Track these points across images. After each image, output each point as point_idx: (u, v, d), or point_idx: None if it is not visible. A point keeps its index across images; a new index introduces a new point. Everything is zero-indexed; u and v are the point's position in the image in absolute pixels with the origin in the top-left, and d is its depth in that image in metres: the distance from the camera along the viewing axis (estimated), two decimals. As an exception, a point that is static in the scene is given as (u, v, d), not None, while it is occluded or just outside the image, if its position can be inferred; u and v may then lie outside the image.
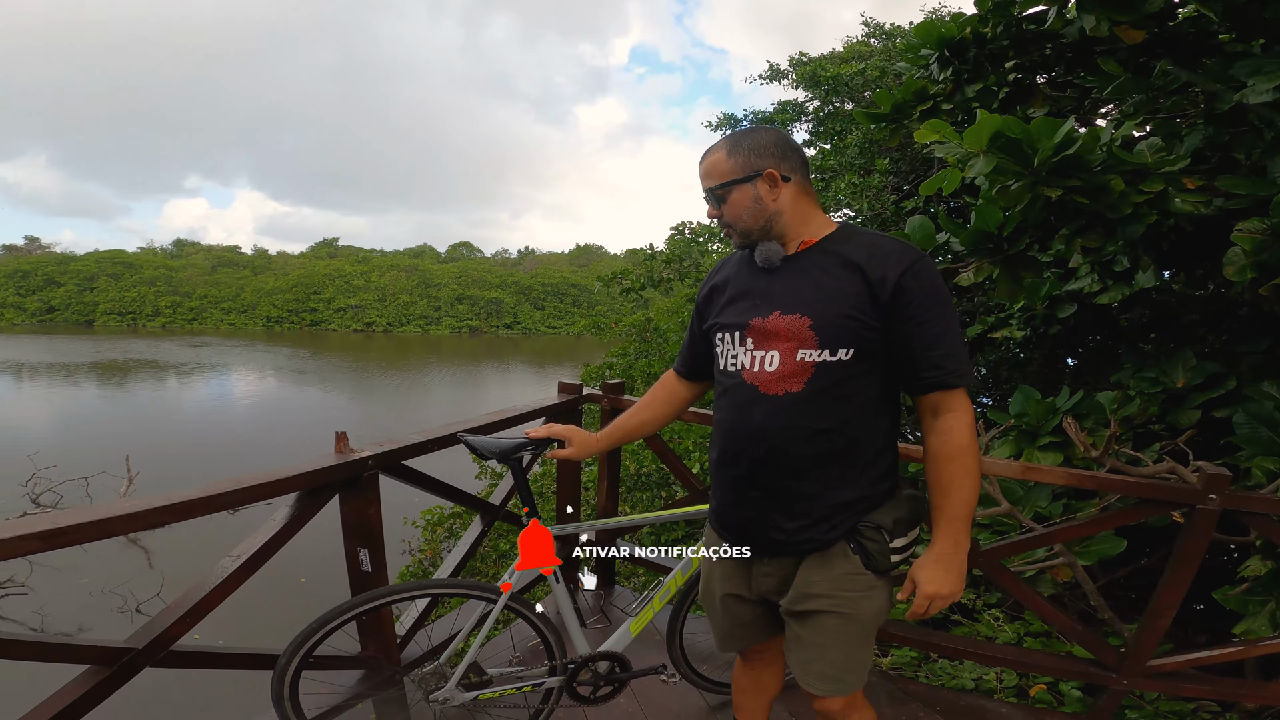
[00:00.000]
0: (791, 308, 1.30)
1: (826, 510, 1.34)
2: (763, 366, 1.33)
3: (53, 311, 57.83)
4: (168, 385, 28.69)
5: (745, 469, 1.37)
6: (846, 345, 1.26)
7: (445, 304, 62.21)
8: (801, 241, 1.34)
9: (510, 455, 1.77)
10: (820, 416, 1.29)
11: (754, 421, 1.34)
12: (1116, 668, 2.20)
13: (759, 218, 1.34)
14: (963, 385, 1.26)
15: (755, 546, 1.43)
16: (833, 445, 1.30)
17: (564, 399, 2.83)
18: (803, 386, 1.29)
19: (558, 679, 1.96)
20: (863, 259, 1.26)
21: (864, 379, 1.29)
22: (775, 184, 1.31)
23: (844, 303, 1.26)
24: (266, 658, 1.74)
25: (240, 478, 1.56)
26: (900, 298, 1.23)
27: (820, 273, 1.30)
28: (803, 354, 1.28)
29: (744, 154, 1.32)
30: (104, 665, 1.39)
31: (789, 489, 1.34)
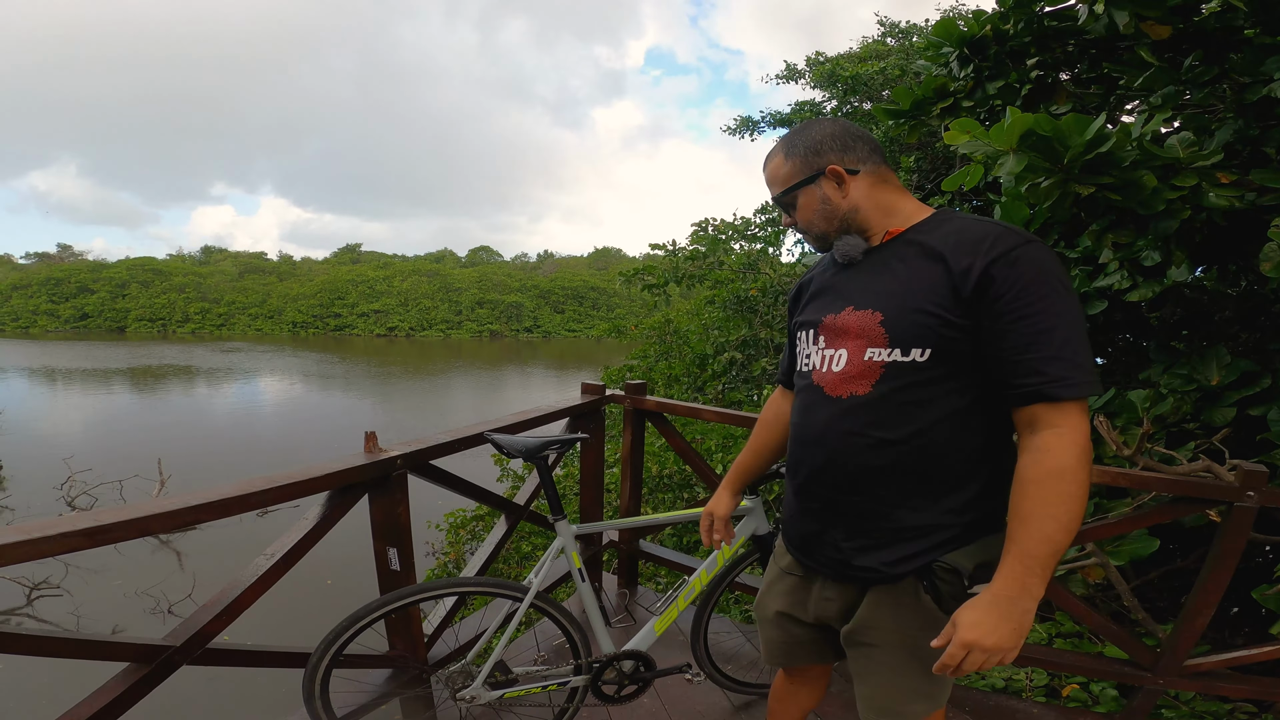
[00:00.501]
0: (865, 302, 1.19)
1: (889, 535, 1.19)
2: (830, 366, 1.22)
3: (85, 319, 59.21)
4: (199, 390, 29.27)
5: (804, 477, 1.29)
6: (921, 345, 1.10)
7: (466, 308, 62.75)
8: (886, 232, 1.21)
9: (536, 454, 1.79)
10: (886, 425, 1.15)
11: (816, 426, 1.25)
12: (1152, 667, 2.17)
13: (832, 219, 1.23)
14: (1072, 398, 1.02)
15: (817, 565, 1.32)
16: (901, 460, 1.15)
17: (587, 400, 2.84)
18: (869, 389, 1.16)
19: (583, 678, 1.97)
20: (948, 247, 1.10)
21: (945, 387, 1.12)
22: (841, 180, 1.20)
23: (921, 296, 1.11)
24: (298, 656, 1.77)
25: (273, 476, 1.59)
26: (988, 290, 1.05)
27: (900, 264, 1.17)
28: (871, 353, 1.15)
29: (801, 154, 1.23)
30: (143, 663, 1.42)
31: (848, 504, 1.22)
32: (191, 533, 10.61)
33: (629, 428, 3.01)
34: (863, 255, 1.23)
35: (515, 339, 61.48)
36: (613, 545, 3.14)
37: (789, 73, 9.70)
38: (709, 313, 8.32)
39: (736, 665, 2.55)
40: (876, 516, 1.19)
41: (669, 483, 6.72)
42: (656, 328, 9.27)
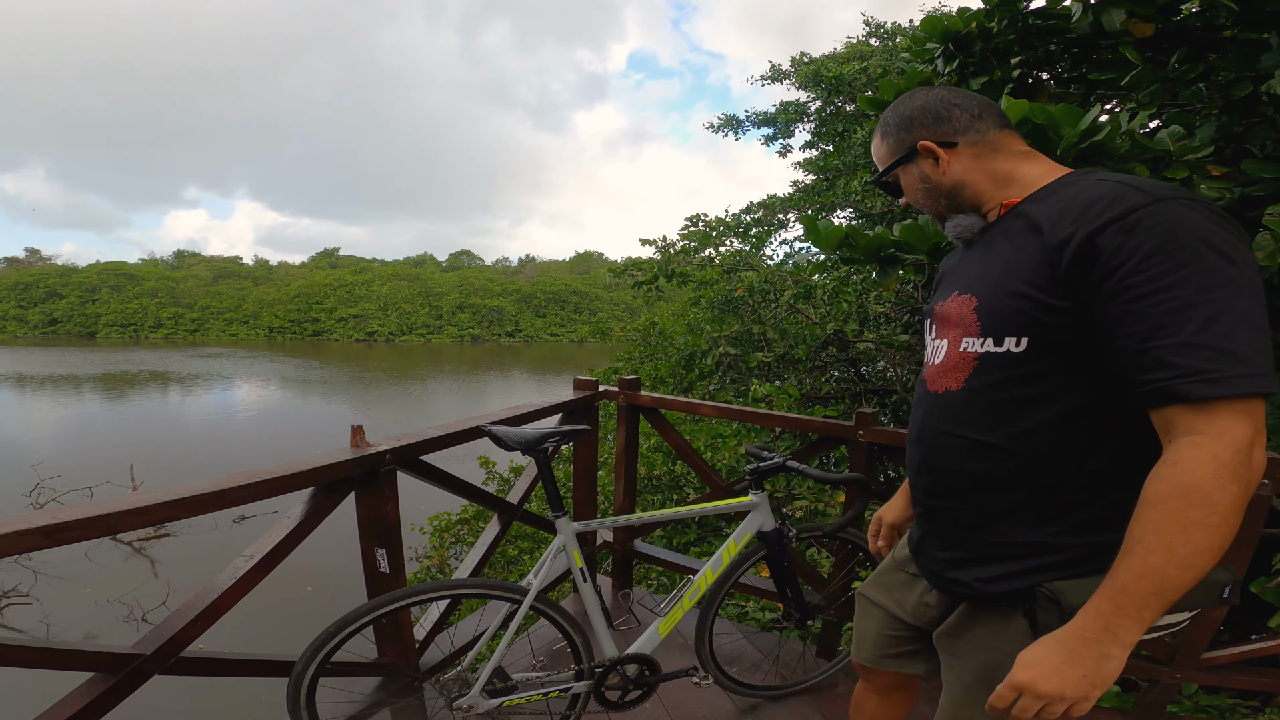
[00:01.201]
0: (966, 287, 1.06)
1: (989, 550, 1.04)
2: (934, 358, 1.12)
3: (55, 324, 57.83)
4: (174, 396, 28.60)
5: (910, 478, 1.21)
6: (1015, 333, 0.95)
7: (447, 313, 62.20)
8: (1002, 205, 1.07)
9: (535, 446, 1.69)
10: (980, 425, 1.01)
11: (915, 424, 1.16)
12: (1168, 661, 2.11)
13: (936, 197, 1.12)
14: (1217, 396, 0.78)
15: (920, 569, 1.23)
16: (999, 467, 1.00)
17: (581, 395, 2.75)
18: (961, 384, 1.03)
19: (585, 683, 1.87)
20: (1052, 215, 0.93)
21: (1053, 383, 0.94)
22: (936, 156, 1.09)
23: (1016, 277, 0.95)
24: (282, 664, 1.65)
25: (253, 471, 1.47)
26: (1093, 264, 0.85)
27: (1004, 241, 1.02)
28: (966, 343, 1.02)
29: (894, 132, 1.13)
30: (110, 672, 1.30)
31: (944, 512, 1.11)
32: (166, 540, 10.33)
33: (623, 424, 2.91)
34: (978, 234, 1.10)
35: (497, 344, 61.04)
36: (607, 546, 3.04)
37: (774, 73, 9.69)
38: (694, 313, 8.26)
39: (740, 667, 2.46)
40: (974, 528, 1.06)
41: (658, 484, 6.64)
42: (641, 329, 9.19)
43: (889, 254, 2.44)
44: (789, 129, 9.73)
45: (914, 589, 1.29)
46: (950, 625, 1.16)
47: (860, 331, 6.42)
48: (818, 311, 6.81)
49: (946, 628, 1.17)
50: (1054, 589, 0.95)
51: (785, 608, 2.27)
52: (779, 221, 9.56)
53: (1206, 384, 0.78)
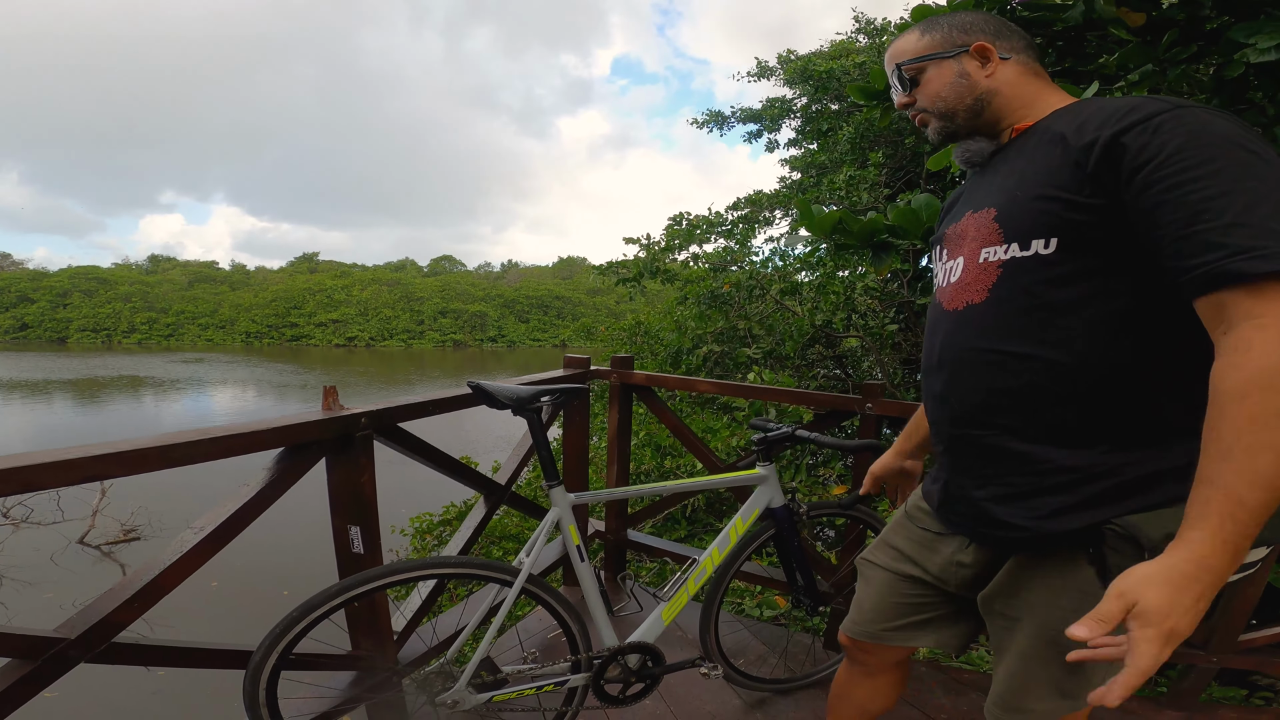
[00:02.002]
0: (980, 204, 1.01)
1: (1033, 479, 0.93)
2: (948, 279, 1.05)
3: (25, 329, 56.46)
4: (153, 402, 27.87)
5: (931, 414, 1.08)
6: (1043, 234, 0.89)
7: (428, 318, 61.58)
8: (1014, 128, 1.04)
9: (528, 405, 1.52)
10: (1011, 335, 0.92)
11: (934, 349, 1.05)
12: (1204, 645, 1.99)
13: (965, 96, 1.06)
14: (1274, 271, 0.71)
15: (952, 523, 1.10)
16: (1035, 380, 0.91)
17: (570, 373, 2.57)
18: (985, 295, 0.96)
19: (583, 676, 1.69)
20: (1075, 125, 0.90)
21: (1088, 285, 0.87)
22: (989, 59, 1.04)
23: (1037, 182, 0.91)
24: (238, 654, 1.45)
25: (207, 428, 1.28)
26: (1120, 161, 0.82)
27: (1019, 157, 0.99)
28: (986, 253, 0.97)
29: (944, 30, 1.08)
30: (25, 658, 1.10)
31: (976, 441, 0.98)
32: (136, 544, 9.95)
33: (615, 404, 2.75)
34: (989, 158, 1.08)
35: (479, 349, 60.53)
36: (599, 536, 2.87)
37: (760, 70, 9.61)
38: (681, 311, 8.15)
39: (746, 659, 2.29)
40: (1013, 456, 0.94)
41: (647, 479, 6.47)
42: (627, 329, 9.04)
43: (882, 239, 2.38)
44: (775, 125, 9.64)
45: (941, 548, 1.17)
46: (1000, 584, 1.04)
47: (847, 326, 6.35)
48: (804, 306, 6.74)
49: (997, 588, 1.04)
50: (1128, 524, 0.87)
51: (794, 595, 2.11)
52: (765, 218, 9.47)
53: (1262, 259, 0.72)
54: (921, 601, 1.22)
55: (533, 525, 5.72)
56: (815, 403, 2.44)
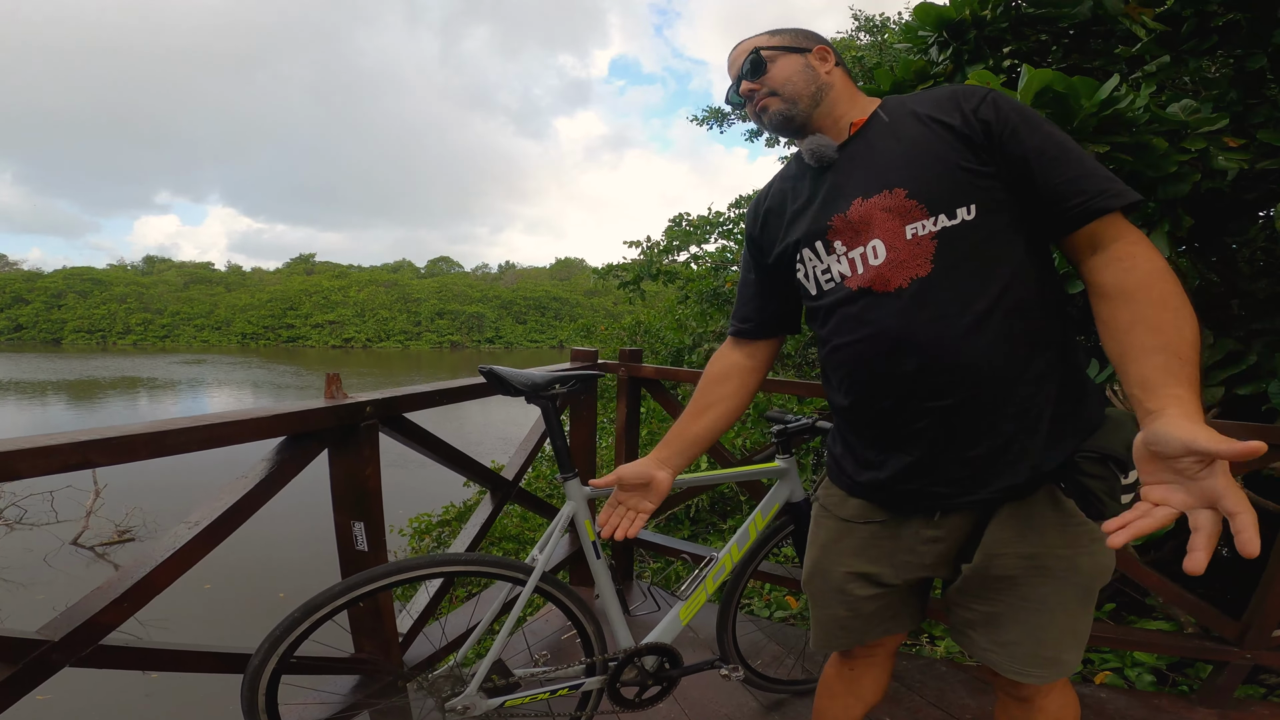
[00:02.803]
0: (874, 188, 1.05)
1: (1017, 424, 1.01)
2: (865, 263, 1.05)
3: (20, 330, 56.19)
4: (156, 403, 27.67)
5: (895, 399, 1.06)
6: (964, 201, 0.99)
7: (425, 319, 61.45)
8: (851, 124, 1.12)
9: (542, 392, 1.43)
10: (971, 296, 0.99)
11: (885, 334, 1.04)
12: (1238, 641, 1.93)
13: (810, 84, 1.13)
14: (1125, 204, 0.93)
15: (917, 501, 1.11)
16: (1005, 328, 0.99)
17: (577, 366, 2.49)
18: (930, 267, 1.00)
19: (598, 679, 1.61)
20: (931, 110, 1.04)
21: (1006, 240, 1.00)
22: (828, 59, 1.15)
23: (937, 157, 1.01)
24: (235, 658, 1.37)
25: (203, 415, 1.19)
26: (989, 130, 0.99)
27: (889, 141, 1.07)
28: (912, 229, 1.01)
29: (790, 34, 1.18)
30: (6, 662, 1.01)
31: (967, 405, 1.01)
32: (131, 545, 9.83)
33: (623, 397, 2.67)
34: (836, 153, 1.12)
35: (476, 350, 60.38)
36: (606, 534, 2.79)
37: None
38: (682, 310, 8.09)
39: (763, 661, 2.21)
40: (998, 407, 1.01)
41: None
42: (628, 329, 8.98)
43: None
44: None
45: (898, 535, 1.16)
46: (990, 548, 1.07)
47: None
48: (804, 305, 6.69)
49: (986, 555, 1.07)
50: (1094, 447, 0.99)
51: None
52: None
53: (1111, 198, 0.93)
54: (887, 602, 1.23)
55: (535, 524, 5.65)
56: (830, 395, 2.37)
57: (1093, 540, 1.04)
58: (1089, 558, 1.05)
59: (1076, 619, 1.08)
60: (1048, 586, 1.06)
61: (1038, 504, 1.04)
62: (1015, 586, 1.07)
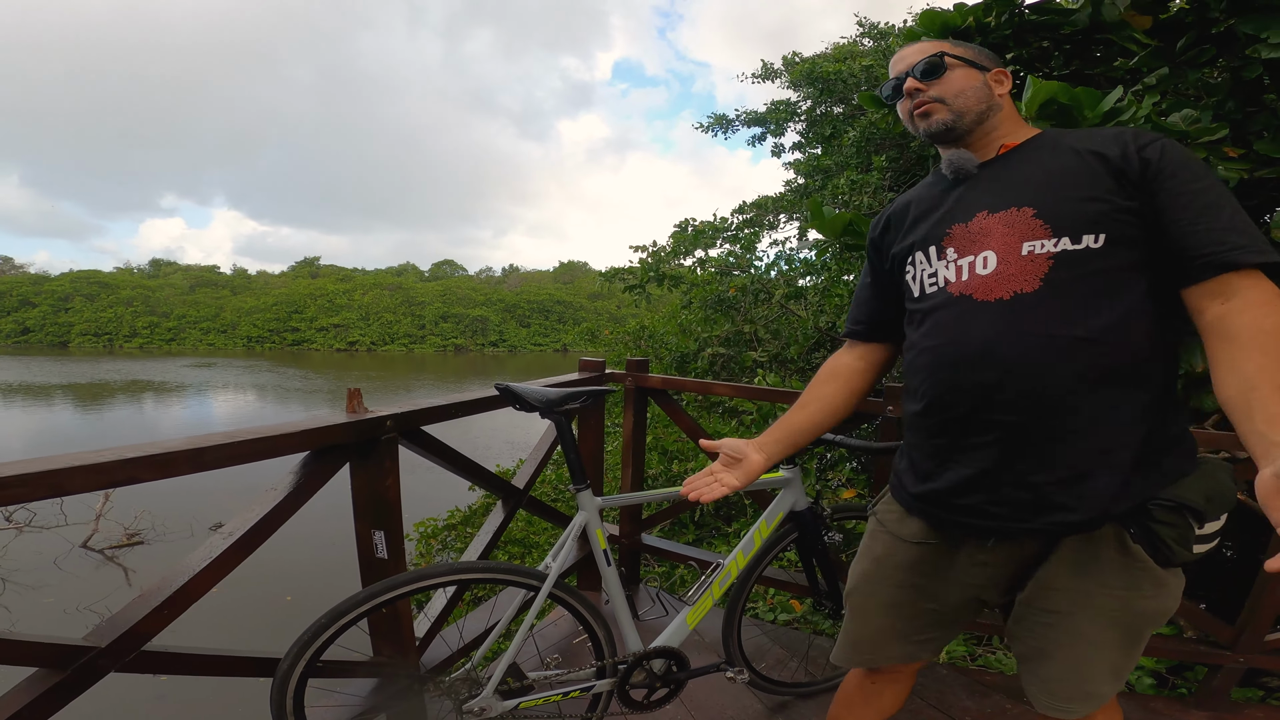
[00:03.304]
0: (1003, 204, 1.07)
1: (1094, 459, 0.99)
2: (973, 272, 1.07)
3: (27, 333, 56.42)
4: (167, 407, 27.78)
5: (968, 407, 1.05)
6: (1093, 230, 0.99)
7: (429, 322, 61.58)
8: (1002, 145, 1.15)
9: (556, 407, 1.50)
10: (1071, 320, 0.99)
11: (973, 340, 1.04)
12: (1231, 645, 1.98)
13: (981, 101, 1.15)
14: (1260, 262, 0.93)
15: (976, 520, 1.09)
16: (1102, 360, 0.98)
17: (584, 377, 2.55)
18: (1038, 284, 1.01)
19: (608, 681, 1.67)
20: (1088, 143, 1.04)
21: (1129, 275, 1.00)
22: (1004, 83, 1.17)
23: (1078, 185, 1.02)
24: (266, 662, 1.43)
25: (235, 431, 1.26)
26: (1146, 172, 0.99)
27: (1032, 166, 1.08)
28: (1030, 246, 1.02)
29: (975, 50, 1.19)
30: (56, 668, 1.08)
31: (1040, 426, 1.01)
32: (140, 548, 9.91)
33: (630, 407, 2.73)
34: (976, 169, 1.15)
35: (480, 353, 60.49)
36: (613, 540, 2.85)
37: (765, 72, 9.62)
38: (685, 315, 8.14)
39: (767, 664, 2.27)
40: (1075, 438, 0.99)
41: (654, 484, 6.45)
42: (632, 333, 9.04)
43: None
44: (780, 128, 9.64)
45: (953, 556, 1.16)
46: (1044, 582, 1.07)
47: (852, 330, 6.35)
48: (809, 310, 6.73)
49: (1040, 587, 1.08)
50: (1173, 495, 0.98)
51: (815, 598, 2.09)
52: (769, 222, 9.47)
53: (1252, 253, 0.93)
54: (935, 619, 1.23)
55: (539, 527, 5.71)
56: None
57: (1156, 585, 1.03)
58: (1147, 601, 1.04)
59: (1121, 658, 1.08)
60: (1097, 625, 1.05)
61: (1101, 542, 1.03)
62: (1064, 621, 1.07)
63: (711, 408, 6.41)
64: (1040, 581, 1.08)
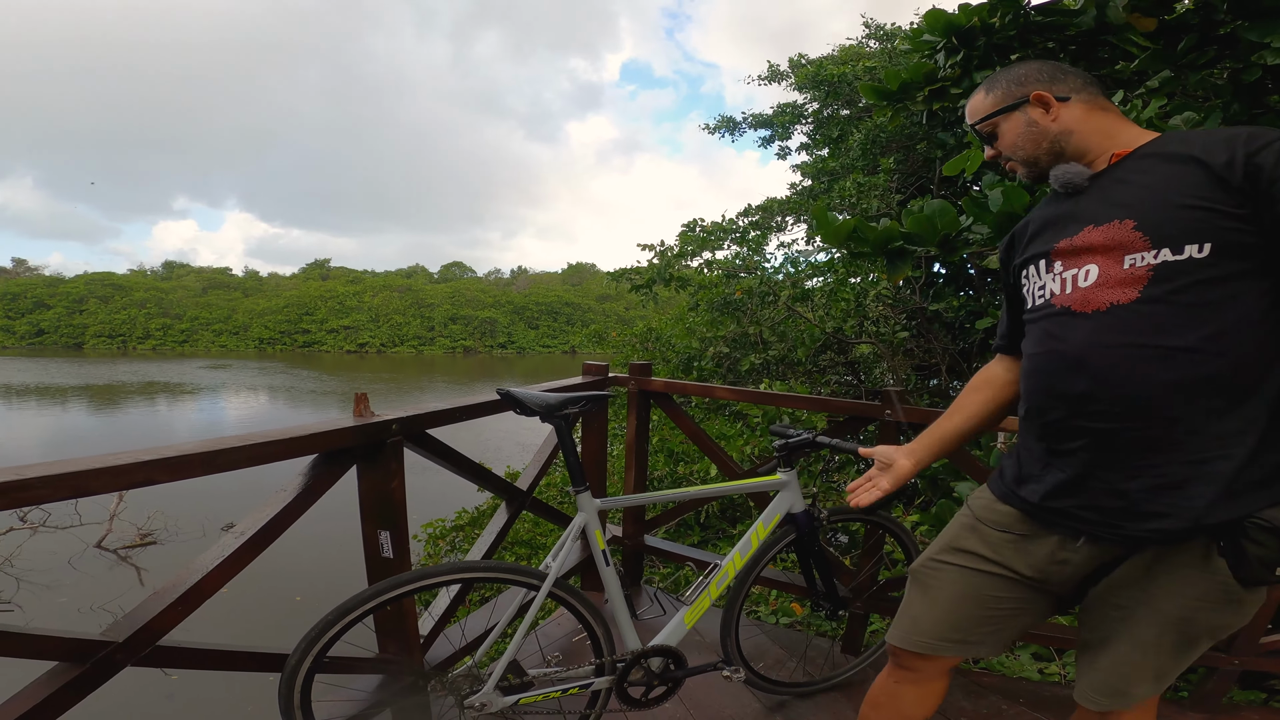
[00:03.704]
0: (1106, 217, 1.07)
1: (1188, 470, 0.99)
2: (1075, 285, 1.08)
3: (42, 334, 57.18)
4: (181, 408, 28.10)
5: (1062, 414, 1.09)
6: (1197, 240, 0.97)
7: (439, 324, 61.97)
8: (1112, 155, 1.12)
9: (556, 412, 1.54)
10: (1168, 330, 0.98)
11: (1069, 349, 1.07)
12: (1226, 647, 1.99)
13: (1039, 141, 1.17)
14: None
15: (1068, 521, 1.11)
16: (1200, 370, 0.97)
17: (588, 380, 2.60)
18: (1136, 295, 1.01)
19: (606, 679, 1.71)
20: (1196, 148, 1.01)
21: (1238, 285, 0.97)
22: (1049, 105, 1.16)
23: (1181, 194, 0.99)
24: (274, 658, 1.48)
25: (247, 435, 1.31)
26: (1259, 178, 0.94)
27: (1140, 176, 1.06)
28: (1131, 259, 1.02)
29: (1002, 87, 1.20)
30: (74, 662, 1.13)
31: (1130, 435, 1.02)
32: (152, 548, 10.04)
33: (633, 411, 2.77)
34: (1087, 181, 1.14)
35: (489, 355, 60.79)
36: (616, 541, 2.89)
37: (771, 74, 9.64)
38: (692, 317, 8.17)
39: (765, 663, 2.30)
40: (1173, 446, 0.99)
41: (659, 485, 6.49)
42: (639, 335, 9.07)
43: (897, 247, 2.39)
44: (787, 131, 9.66)
45: (1032, 548, 1.18)
46: (1122, 578, 1.10)
47: (859, 333, 6.33)
48: (816, 313, 6.73)
49: (1119, 581, 1.11)
50: (1270, 517, 0.95)
51: (813, 599, 2.12)
52: (776, 224, 9.48)
53: None
54: (1003, 608, 1.23)
55: (545, 529, 5.76)
56: (836, 409, 2.46)
57: (1228, 601, 1.02)
58: (1215, 615, 1.04)
59: (1170, 664, 1.09)
60: (1155, 628, 1.06)
61: (1186, 552, 1.03)
62: (1126, 617, 1.09)
63: (718, 410, 6.44)
64: (1118, 578, 1.11)
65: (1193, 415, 0.98)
